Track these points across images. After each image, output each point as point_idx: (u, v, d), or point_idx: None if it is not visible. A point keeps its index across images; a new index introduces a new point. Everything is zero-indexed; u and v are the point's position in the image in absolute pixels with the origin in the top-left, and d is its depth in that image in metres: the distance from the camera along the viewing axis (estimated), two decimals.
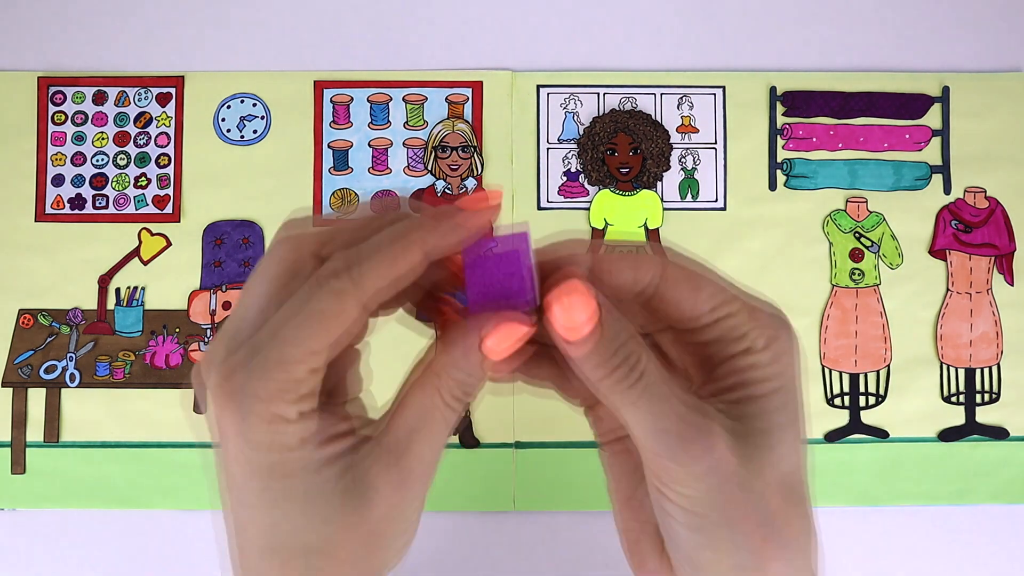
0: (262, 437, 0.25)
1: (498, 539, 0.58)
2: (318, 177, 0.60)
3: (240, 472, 0.26)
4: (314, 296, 0.24)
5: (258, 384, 0.24)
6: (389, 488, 0.26)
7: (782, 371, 0.27)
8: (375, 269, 0.24)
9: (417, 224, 0.25)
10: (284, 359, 0.24)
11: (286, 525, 0.26)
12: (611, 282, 0.27)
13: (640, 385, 0.25)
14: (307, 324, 0.24)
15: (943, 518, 0.58)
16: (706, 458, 0.25)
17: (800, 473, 0.27)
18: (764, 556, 0.26)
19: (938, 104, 0.61)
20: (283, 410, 0.24)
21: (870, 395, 0.59)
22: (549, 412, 0.58)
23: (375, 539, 0.27)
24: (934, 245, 0.60)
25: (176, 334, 0.59)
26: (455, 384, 0.26)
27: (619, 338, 0.25)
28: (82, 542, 0.57)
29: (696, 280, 0.27)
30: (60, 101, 0.61)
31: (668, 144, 0.60)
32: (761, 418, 0.26)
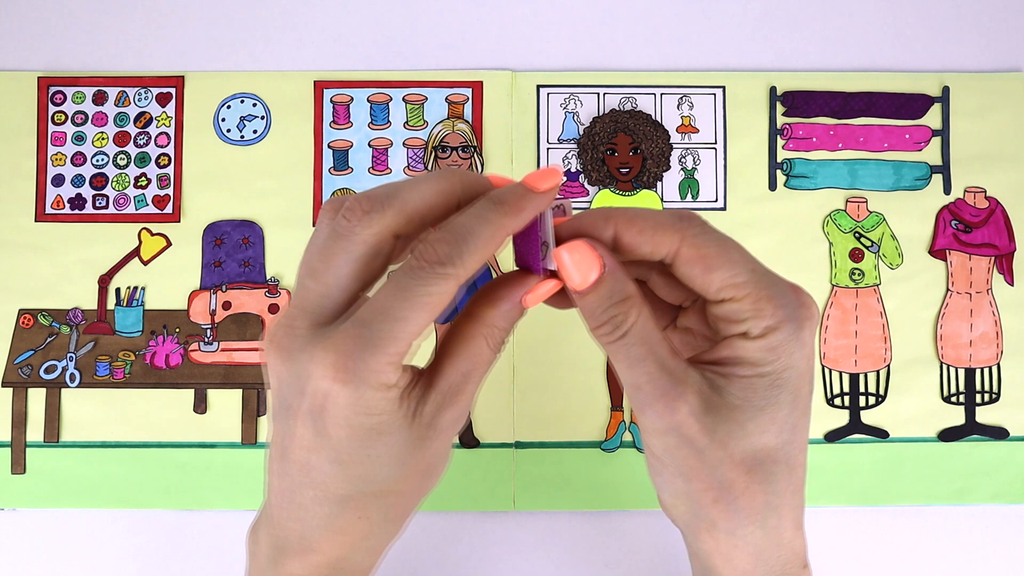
0: (375, 404, 0.27)
1: (498, 539, 0.58)
2: (318, 177, 0.60)
3: (341, 434, 0.28)
4: (424, 280, 0.27)
5: (373, 358, 0.27)
6: (449, 427, 0.30)
7: (771, 360, 0.29)
8: (474, 254, 0.27)
9: (502, 208, 0.28)
10: (397, 336, 0.27)
11: (375, 475, 0.29)
12: (632, 252, 0.30)
13: (621, 342, 0.29)
14: (418, 305, 0.27)
15: (943, 518, 0.58)
16: (666, 418, 0.28)
17: (777, 453, 0.30)
18: (712, 513, 0.30)
19: (938, 104, 0.61)
20: (390, 378, 0.27)
21: (870, 395, 0.59)
22: (549, 412, 0.58)
23: (431, 471, 0.31)
24: (934, 245, 0.60)
25: (176, 334, 0.59)
26: (499, 331, 0.30)
27: (612, 299, 0.29)
28: (82, 542, 0.57)
29: (709, 262, 0.29)
30: (60, 101, 0.61)
31: (668, 144, 0.60)
32: (737, 396, 0.29)
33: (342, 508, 0.30)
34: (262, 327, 0.59)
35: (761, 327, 0.28)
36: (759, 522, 0.30)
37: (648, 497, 0.58)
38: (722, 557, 0.31)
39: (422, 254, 0.27)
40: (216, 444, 0.58)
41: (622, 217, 0.29)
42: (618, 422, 0.58)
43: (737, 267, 0.29)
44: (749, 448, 0.29)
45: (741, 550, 0.31)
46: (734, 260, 0.29)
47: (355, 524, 0.30)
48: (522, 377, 0.58)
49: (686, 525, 0.32)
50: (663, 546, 0.58)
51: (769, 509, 0.30)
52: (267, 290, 0.59)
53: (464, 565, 0.57)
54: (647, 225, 0.29)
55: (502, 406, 0.58)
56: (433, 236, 0.28)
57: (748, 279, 0.29)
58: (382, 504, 0.30)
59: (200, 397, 0.58)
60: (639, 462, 0.58)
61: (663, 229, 0.29)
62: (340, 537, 0.30)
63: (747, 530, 0.30)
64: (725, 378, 0.29)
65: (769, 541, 0.31)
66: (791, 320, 0.29)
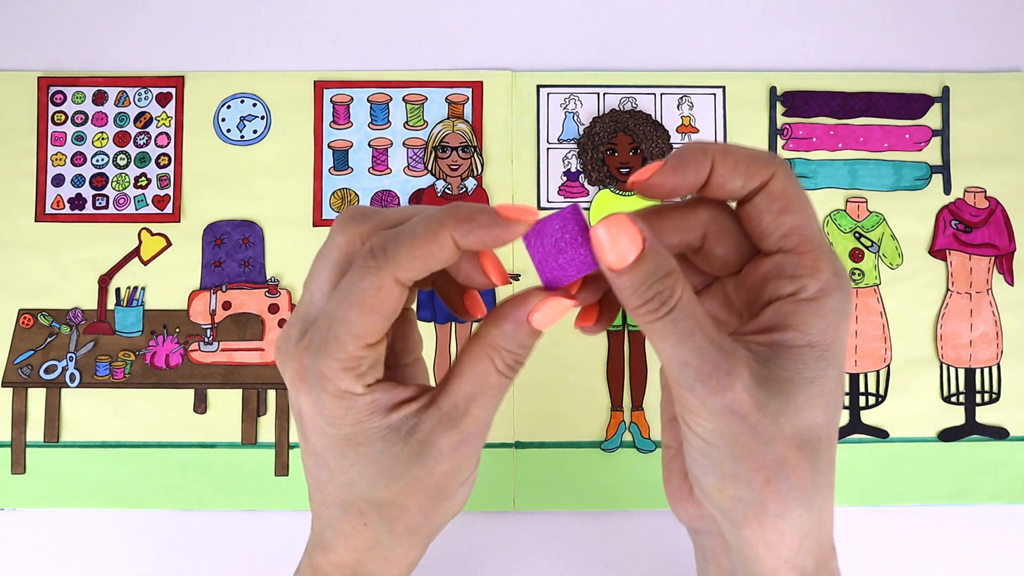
0: (334, 411, 0.27)
1: (498, 539, 0.58)
2: (318, 177, 0.60)
3: (319, 443, 0.28)
4: (356, 276, 0.27)
5: (323, 364, 0.27)
6: (450, 448, 0.29)
7: (823, 328, 0.28)
8: (406, 248, 0.27)
9: (448, 214, 0.27)
10: (339, 339, 0.27)
11: (362, 484, 0.29)
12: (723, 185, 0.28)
13: (668, 318, 0.27)
14: (353, 305, 0.26)
15: (943, 518, 0.58)
16: (721, 395, 0.27)
17: (822, 430, 0.29)
18: (763, 496, 0.28)
19: (938, 104, 0.61)
20: (349, 385, 0.27)
21: (870, 395, 0.59)
22: (549, 412, 0.58)
23: (439, 491, 0.30)
24: (934, 245, 0.60)
25: (176, 334, 0.59)
26: (507, 354, 0.29)
27: (657, 272, 0.27)
28: (82, 542, 0.57)
29: (789, 202, 0.28)
30: (60, 101, 0.61)
31: (668, 144, 0.60)
32: (787, 368, 0.28)
33: (345, 512, 0.30)
34: (262, 327, 0.59)
35: (815, 288, 0.28)
36: (808, 503, 0.29)
37: (648, 497, 0.58)
38: (767, 544, 0.30)
39: (360, 251, 0.27)
40: (216, 444, 0.58)
41: (719, 150, 0.28)
42: (618, 422, 0.58)
43: (811, 218, 0.28)
44: (800, 424, 0.28)
45: (787, 535, 0.30)
46: (808, 212, 0.28)
47: (360, 530, 0.30)
48: (522, 377, 0.58)
49: (730, 513, 0.30)
50: (663, 546, 0.58)
51: (816, 488, 0.29)
52: (267, 290, 0.59)
53: (464, 565, 0.57)
54: (743, 157, 0.28)
55: (502, 406, 0.58)
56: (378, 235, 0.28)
57: (814, 235, 0.28)
58: (383, 514, 0.30)
59: (200, 397, 0.58)
60: (639, 462, 0.58)
61: (757, 163, 0.28)
62: (349, 541, 0.31)
63: (796, 512, 0.29)
64: (772, 350, 0.28)
65: (812, 523, 0.30)
66: (843, 288, 0.28)
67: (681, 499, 0.34)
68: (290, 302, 0.59)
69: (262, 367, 0.59)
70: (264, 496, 0.57)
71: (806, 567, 0.31)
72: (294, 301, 0.59)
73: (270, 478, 0.58)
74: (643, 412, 0.59)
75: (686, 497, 0.34)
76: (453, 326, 0.59)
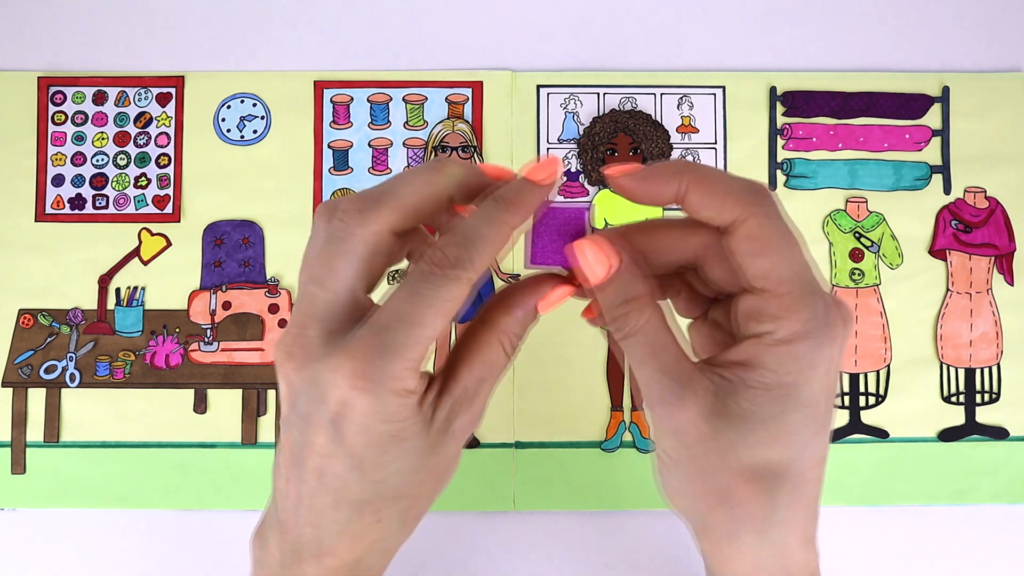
0: (394, 410, 0.27)
1: (498, 539, 0.58)
2: (318, 177, 0.60)
3: (361, 442, 0.28)
4: (437, 284, 0.27)
5: (395, 365, 0.27)
6: (463, 432, 0.30)
7: (790, 371, 0.28)
8: (484, 254, 0.28)
9: (505, 206, 0.29)
10: (415, 341, 0.27)
11: (392, 481, 0.29)
12: (695, 212, 0.29)
13: (628, 341, 0.29)
14: (434, 310, 0.27)
15: (943, 518, 0.58)
16: (671, 420, 0.28)
17: (784, 467, 0.28)
18: (711, 518, 0.29)
19: (938, 104, 0.61)
20: (413, 384, 0.28)
21: (870, 395, 0.59)
22: (549, 412, 0.58)
23: (445, 475, 0.31)
24: (934, 245, 0.60)
25: (176, 334, 0.59)
26: (515, 337, 0.30)
27: (619, 297, 0.29)
28: (82, 542, 0.57)
29: (763, 244, 0.28)
30: (60, 101, 0.61)
31: (668, 144, 0.60)
32: (744, 406, 0.28)
33: (359, 513, 0.30)
34: (262, 327, 0.59)
35: (786, 332, 0.27)
36: (759, 533, 0.29)
37: (648, 497, 0.58)
38: (720, 560, 0.31)
39: (433, 259, 0.27)
40: (216, 444, 0.58)
41: (694, 175, 0.28)
42: (618, 422, 0.58)
43: (786, 262, 0.28)
44: (751, 459, 0.28)
45: (739, 557, 0.30)
46: (786, 254, 0.28)
47: (372, 527, 0.30)
48: (522, 377, 0.58)
49: (688, 523, 0.32)
50: (663, 546, 0.58)
51: (770, 522, 0.29)
52: (267, 290, 0.59)
53: (464, 565, 0.57)
54: (717, 188, 0.28)
55: (502, 406, 0.58)
56: (442, 240, 0.28)
57: (791, 277, 0.28)
58: (398, 507, 0.30)
59: (200, 397, 0.58)
60: (639, 462, 0.58)
61: (731, 199, 0.28)
62: (356, 541, 0.30)
63: (746, 539, 0.29)
64: (735, 385, 0.28)
65: (769, 553, 0.30)
66: (818, 334, 0.27)
67: None
68: (290, 302, 0.59)
69: (262, 367, 0.59)
70: (264, 496, 0.57)
71: None
72: (295, 301, 0.59)
73: (270, 478, 0.58)
74: (643, 412, 0.59)
75: None
76: (452, 324, 0.59)
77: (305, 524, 0.30)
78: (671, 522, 0.58)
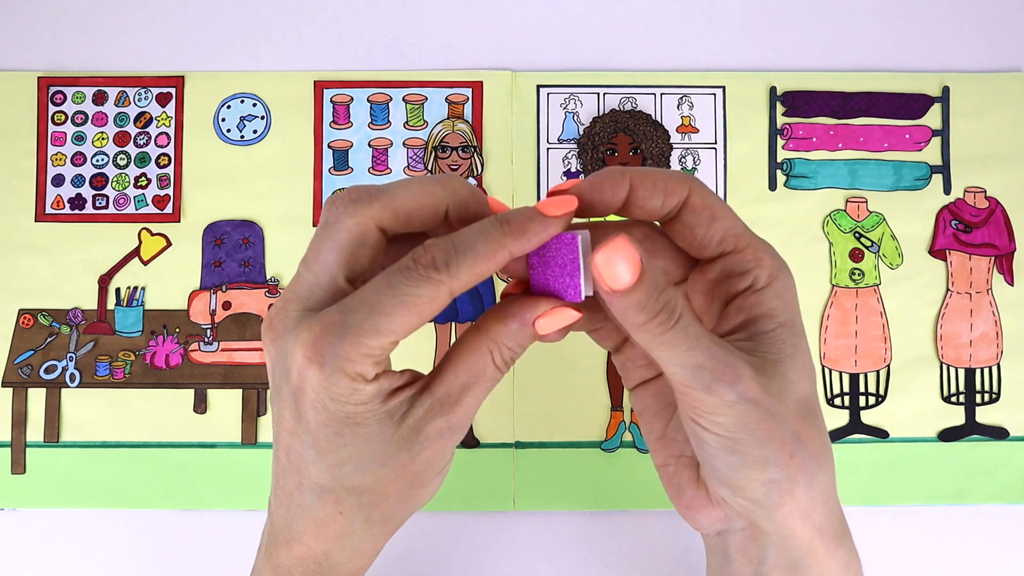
0: (343, 391, 0.28)
1: (498, 539, 0.58)
2: (318, 177, 0.60)
3: (315, 418, 0.29)
4: (413, 280, 0.27)
5: (349, 348, 0.27)
6: (437, 435, 0.30)
7: (783, 307, 0.31)
8: (468, 266, 0.28)
9: (503, 231, 0.28)
10: (378, 330, 0.27)
11: (349, 467, 0.29)
12: (644, 206, 0.31)
13: (679, 326, 0.28)
14: (404, 304, 0.27)
15: (943, 518, 0.58)
16: (735, 388, 0.29)
17: (812, 396, 0.31)
18: (792, 470, 0.30)
19: (938, 104, 0.61)
20: (365, 371, 0.28)
21: (870, 395, 0.59)
22: (549, 412, 0.58)
23: (419, 478, 0.31)
24: (934, 245, 0.60)
25: (176, 334, 0.59)
26: (506, 350, 0.30)
27: (659, 286, 0.28)
28: (82, 542, 0.57)
29: (713, 211, 0.31)
30: (60, 101, 0.61)
31: (668, 144, 0.60)
32: (772, 351, 0.30)
33: (321, 499, 0.30)
34: None
35: (766, 275, 0.31)
36: (824, 465, 0.31)
37: (648, 497, 0.58)
38: (802, 516, 0.32)
39: (416, 256, 0.28)
40: (216, 444, 0.58)
41: (635, 173, 0.31)
42: (618, 422, 0.58)
43: (735, 219, 0.32)
44: (797, 397, 0.30)
45: (817, 502, 0.32)
46: (732, 213, 0.32)
47: (335, 518, 0.31)
48: (522, 377, 0.58)
49: (765, 499, 0.31)
50: (663, 546, 0.58)
51: (825, 450, 0.31)
52: (267, 290, 0.59)
53: (464, 565, 0.57)
54: (659, 177, 0.31)
55: (502, 406, 0.58)
56: (432, 240, 0.28)
57: (745, 231, 0.32)
58: (362, 502, 0.30)
59: (200, 397, 0.58)
60: (639, 462, 0.58)
61: (673, 180, 0.31)
62: (321, 530, 0.31)
63: (820, 477, 0.31)
64: (752, 340, 0.30)
65: (832, 484, 0.32)
66: (785, 267, 0.32)
67: (700, 507, 0.34)
68: None
69: (262, 367, 0.59)
70: (264, 496, 0.57)
71: (835, 530, 0.33)
72: None
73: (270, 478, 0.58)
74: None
75: (705, 504, 0.34)
76: (453, 326, 0.59)
77: (280, 506, 0.32)
78: (671, 522, 0.58)
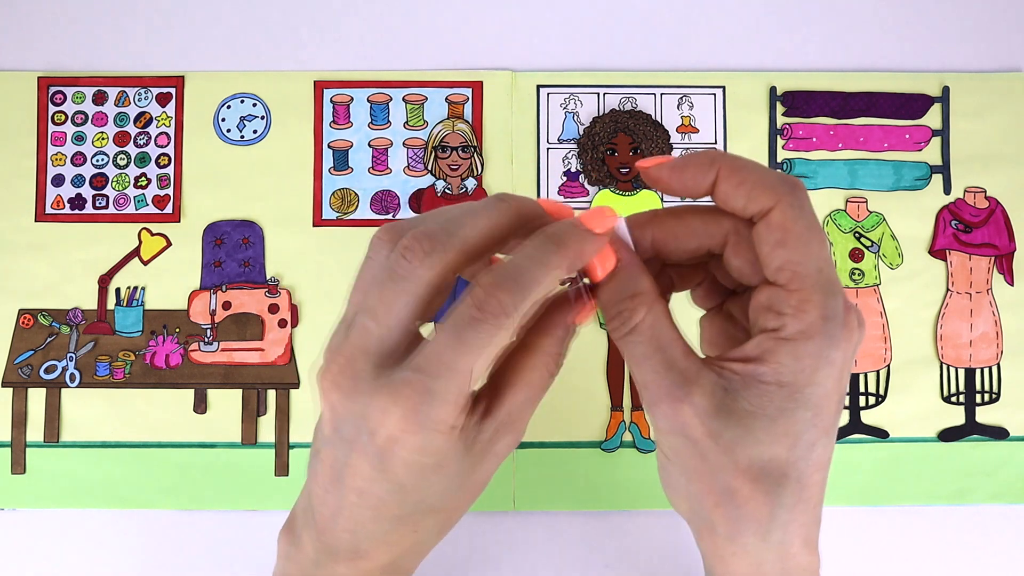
0: (439, 445, 0.28)
1: (498, 539, 0.58)
2: (318, 177, 0.60)
3: (403, 471, 0.29)
4: (483, 331, 0.27)
5: (443, 412, 0.27)
6: (506, 451, 0.30)
7: (796, 370, 0.27)
8: (530, 300, 0.27)
9: (562, 252, 0.28)
10: (460, 388, 0.27)
11: (431, 500, 0.30)
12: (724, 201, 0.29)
13: (628, 339, 0.29)
14: (478, 355, 0.27)
15: (943, 518, 0.58)
16: (670, 418, 0.28)
17: (787, 467, 0.28)
18: (714, 516, 0.29)
19: (938, 104, 0.61)
20: (459, 422, 0.28)
21: (870, 395, 0.59)
22: (549, 412, 0.58)
23: (479, 489, 0.31)
24: (934, 245, 0.60)
25: (176, 334, 0.59)
26: (557, 356, 0.30)
27: (622, 292, 0.29)
28: (82, 542, 0.57)
29: (786, 236, 0.27)
30: (60, 101, 0.61)
31: (668, 144, 0.60)
32: (751, 402, 0.28)
33: (398, 525, 0.31)
34: (262, 327, 0.59)
35: (795, 329, 0.27)
36: (761, 534, 0.29)
37: (648, 497, 0.58)
38: (720, 561, 0.31)
39: (479, 302, 0.27)
40: (216, 444, 0.58)
41: (726, 165, 0.28)
42: (618, 422, 0.58)
43: (808, 256, 0.27)
44: (757, 457, 0.28)
45: (740, 558, 0.30)
46: (809, 249, 0.27)
47: (408, 536, 0.31)
48: None
49: (689, 522, 0.32)
50: (663, 546, 0.58)
51: (774, 522, 0.29)
52: (267, 290, 0.59)
53: (464, 565, 0.57)
54: (748, 178, 0.28)
55: None
56: (488, 280, 0.27)
57: (809, 273, 0.27)
58: (436, 520, 0.31)
59: (200, 397, 0.58)
60: (639, 462, 0.58)
61: (762, 187, 0.28)
62: (393, 547, 0.31)
63: (747, 539, 0.29)
64: (744, 380, 0.28)
65: (771, 555, 0.30)
66: (828, 334, 0.27)
67: None
68: (290, 302, 0.59)
69: (262, 367, 0.59)
70: (264, 496, 0.58)
71: None
72: (294, 301, 0.59)
73: (270, 478, 0.58)
74: (643, 412, 0.59)
75: None
76: None
77: (343, 531, 0.31)
78: (671, 522, 0.58)
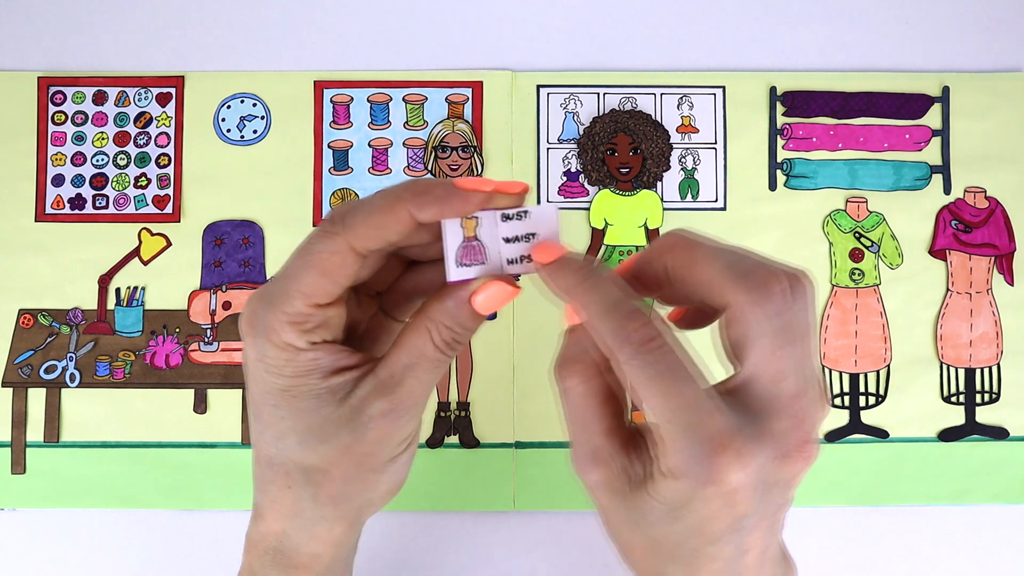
0: (275, 361, 0.29)
1: (498, 539, 0.58)
2: (318, 177, 0.60)
3: (255, 390, 0.30)
4: (313, 239, 0.29)
5: (271, 315, 0.29)
6: (380, 416, 0.30)
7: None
8: (363, 217, 0.28)
9: (405, 187, 0.29)
10: (289, 294, 0.28)
11: (290, 439, 0.30)
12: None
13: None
14: (307, 264, 0.28)
15: (943, 518, 0.58)
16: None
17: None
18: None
19: (938, 104, 0.61)
20: (293, 339, 0.29)
21: (870, 395, 0.59)
22: (549, 412, 0.58)
23: (366, 461, 0.31)
24: (934, 245, 0.60)
25: (176, 334, 0.59)
26: (446, 331, 0.30)
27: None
28: (82, 542, 0.57)
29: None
30: (60, 101, 0.61)
31: (668, 144, 0.60)
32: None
33: (271, 470, 0.31)
34: None
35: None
36: None
37: None
38: None
39: (325, 219, 0.29)
40: (216, 444, 0.58)
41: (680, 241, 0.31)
42: None
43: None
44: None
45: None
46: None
47: (285, 492, 0.31)
48: (522, 377, 0.58)
49: None
50: None
51: None
52: None
53: (464, 565, 0.57)
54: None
55: (502, 406, 0.58)
56: (341, 205, 0.30)
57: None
58: (309, 479, 0.31)
59: (200, 397, 0.58)
60: None
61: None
62: (275, 505, 0.32)
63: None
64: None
65: None
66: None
67: None
68: None
69: None
70: None
71: None
72: None
73: None
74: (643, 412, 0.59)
75: None
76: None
77: (253, 482, 0.33)
78: None
